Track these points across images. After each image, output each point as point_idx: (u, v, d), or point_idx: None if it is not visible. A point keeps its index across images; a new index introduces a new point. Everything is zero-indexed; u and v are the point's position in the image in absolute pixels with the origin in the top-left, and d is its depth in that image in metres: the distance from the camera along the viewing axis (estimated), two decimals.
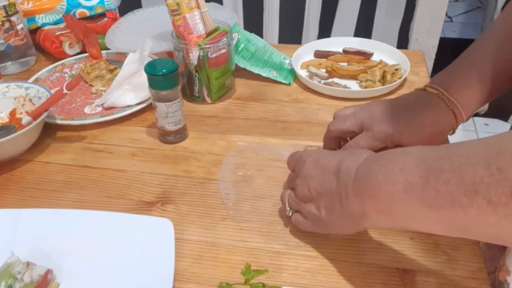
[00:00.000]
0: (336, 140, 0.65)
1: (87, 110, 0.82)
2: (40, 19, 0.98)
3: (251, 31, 0.93)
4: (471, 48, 0.60)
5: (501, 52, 0.57)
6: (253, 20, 1.98)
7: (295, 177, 0.55)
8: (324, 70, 0.89)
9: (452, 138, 0.63)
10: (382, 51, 0.93)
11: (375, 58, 0.93)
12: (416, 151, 0.42)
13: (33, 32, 0.99)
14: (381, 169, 0.43)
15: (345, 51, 0.95)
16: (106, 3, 1.01)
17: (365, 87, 0.84)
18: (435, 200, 0.38)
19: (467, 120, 0.59)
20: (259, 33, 1.71)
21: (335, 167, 0.49)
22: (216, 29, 0.80)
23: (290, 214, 0.56)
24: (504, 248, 0.56)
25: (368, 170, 0.45)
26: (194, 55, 0.77)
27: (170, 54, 0.85)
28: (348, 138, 0.64)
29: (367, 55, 0.93)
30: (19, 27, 0.92)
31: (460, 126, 0.60)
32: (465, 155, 0.37)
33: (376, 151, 0.49)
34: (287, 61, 0.92)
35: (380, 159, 0.45)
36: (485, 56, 0.57)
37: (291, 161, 0.58)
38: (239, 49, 0.88)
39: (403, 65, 0.87)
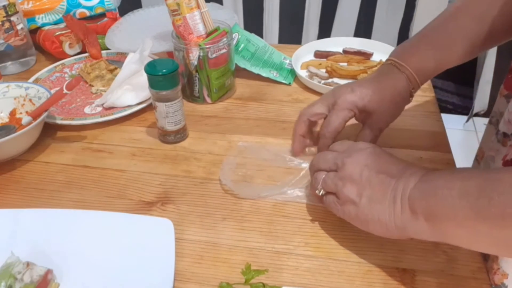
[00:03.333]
0: (306, 124, 0.65)
1: (87, 110, 0.82)
2: (40, 19, 0.98)
3: (251, 31, 0.93)
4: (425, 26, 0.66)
5: (448, 23, 0.63)
6: (253, 20, 1.98)
7: (346, 155, 0.53)
8: (324, 70, 0.89)
9: (453, 138, 0.63)
10: (382, 51, 0.93)
11: (375, 58, 0.93)
12: (476, 171, 0.44)
13: (33, 32, 0.99)
14: (442, 175, 0.44)
15: (345, 51, 0.95)
16: (106, 3, 1.01)
17: None
18: (487, 208, 0.38)
19: (422, 83, 0.64)
20: (259, 33, 1.71)
21: (397, 171, 0.49)
22: (216, 29, 0.80)
23: (321, 194, 0.55)
24: None
25: (430, 176, 0.46)
26: (194, 55, 0.77)
27: (170, 54, 0.85)
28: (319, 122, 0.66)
29: (367, 55, 0.93)
30: (19, 27, 0.92)
31: (460, 126, 0.61)
32: None
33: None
34: (287, 61, 0.92)
35: (443, 171, 0.46)
36: (433, 26, 0.64)
37: (341, 145, 0.56)
38: (239, 49, 0.88)
39: None
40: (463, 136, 2.07)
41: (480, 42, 0.61)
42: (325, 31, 1.98)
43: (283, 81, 0.88)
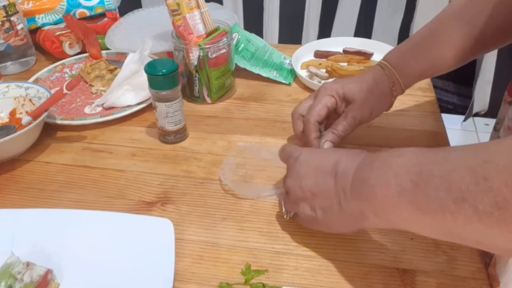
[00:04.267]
0: (301, 120, 0.67)
1: (87, 110, 0.82)
2: (40, 19, 0.98)
3: (251, 31, 0.93)
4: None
5: (440, 31, 0.63)
6: (253, 20, 1.98)
7: (286, 178, 0.55)
8: (324, 70, 0.89)
9: (454, 137, 0.63)
10: (382, 51, 0.92)
11: (375, 58, 0.93)
12: (409, 153, 0.43)
13: (33, 32, 0.99)
14: (376, 172, 0.44)
15: (345, 51, 0.95)
16: (106, 3, 1.01)
17: None
18: (425, 205, 0.38)
19: (405, 83, 0.65)
20: (259, 33, 1.71)
21: (331, 167, 0.50)
22: (216, 29, 0.80)
23: (288, 217, 0.57)
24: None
25: (364, 173, 0.46)
26: (194, 55, 0.77)
27: (170, 54, 0.85)
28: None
29: (367, 55, 0.93)
30: (19, 27, 0.92)
31: (458, 126, 0.61)
32: (453, 161, 0.37)
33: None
34: (287, 61, 0.92)
35: (375, 162, 0.45)
36: (425, 34, 0.65)
37: (282, 155, 0.59)
38: (239, 49, 0.88)
39: None
40: (464, 136, 2.07)
41: (471, 49, 0.62)
42: (325, 31, 1.98)
43: (283, 81, 0.88)
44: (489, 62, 2.01)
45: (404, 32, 1.92)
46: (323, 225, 0.52)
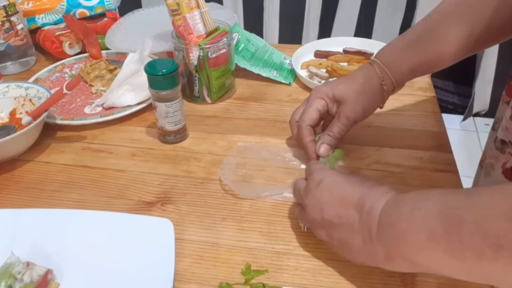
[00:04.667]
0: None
1: (87, 110, 0.82)
2: (40, 19, 0.98)
3: (251, 31, 0.93)
4: None
5: (435, 29, 0.63)
6: (253, 20, 1.98)
7: (305, 196, 0.53)
8: (324, 70, 0.89)
9: (454, 137, 0.63)
10: None
11: None
12: (436, 195, 0.42)
13: (33, 32, 0.99)
14: (404, 216, 0.43)
15: (346, 51, 0.95)
16: (106, 3, 1.01)
17: None
18: (461, 252, 0.38)
19: (397, 80, 0.64)
20: (259, 33, 1.71)
21: (356, 202, 0.48)
22: (216, 29, 0.80)
23: (305, 229, 0.56)
24: None
25: (392, 216, 0.45)
26: (194, 55, 0.77)
27: (170, 54, 0.85)
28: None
29: (367, 55, 0.93)
30: (19, 27, 0.92)
31: (458, 126, 0.61)
32: (486, 205, 0.37)
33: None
34: (287, 61, 0.91)
35: (402, 205, 0.44)
36: (420, 32, 0.65)
37: (306, 170, 0.57)
38: (239, 49, 0.88)
39: None
40: (464, 136, 2.06)
41: (466, 47, 0.62)
42: (325, 31, 1.98)
43: (283, 81, 0.88)
44: (489, 62, 2.01)
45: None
46: (337, 251, 0.51)
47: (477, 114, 2.14)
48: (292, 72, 0.90)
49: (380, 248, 0.45)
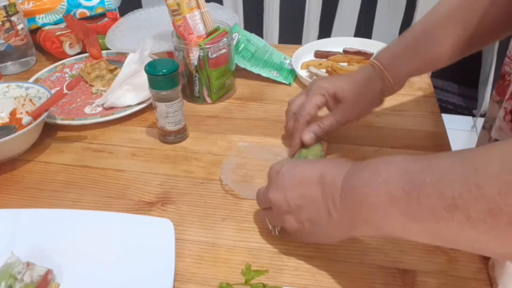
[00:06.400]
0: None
1: (87, 110, 0.82)
2: (41, 19, 0.98)
3: (251, 31, 0.93)
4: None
5: (432, 32, 0.63)
6: (253, 20, 1.98)
7: (267, 191, 0.52)
8: (324, 70, 0.89)
9: (453, 137, 0.63)
10: None
11: None
12: (399, 160, 0.42)
13: (34, 32, 0.99)
14: (366, 180, 0.44)
15: (345, 51, 0.95)
16: (106, 3, 1.01)
17: None
18: (418, 213, 0.39)
19: (396, 83, 0.65)
20: (259, 33, 1.71)
21: (317, 178, 0.48)
22: (216, 29, 0.80)
23: (276, 233, 0.56)
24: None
25: (354, 181, 0.45)
26: (194, 55, 0.77)
27: (170, 54, 0.85)
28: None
29: (367, 55, 0.93)
30: (19, 27, 0.92)
31: (458, 126, 0.61)
32: (444, 169, 0.37)
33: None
34: (287, 61, 0.91)
35: (364, 170, 0.45)
36: (413, 32, 0.66)
37: (268, 172, 0.55)
38: (239, 49, 0.88)
39: None
40: (464, 136, 2.06)
41: (464, 49, 0.62)
42: (325, 31, 1.98)
43: (283, 81, 0.88)
44: (489, 62, 2.01)
45: None
46: (311, 236, 0.51)
47: (479, 115, 2.14)
48: (292, 72, 0.90)
49: (344, 214, 0.46)
